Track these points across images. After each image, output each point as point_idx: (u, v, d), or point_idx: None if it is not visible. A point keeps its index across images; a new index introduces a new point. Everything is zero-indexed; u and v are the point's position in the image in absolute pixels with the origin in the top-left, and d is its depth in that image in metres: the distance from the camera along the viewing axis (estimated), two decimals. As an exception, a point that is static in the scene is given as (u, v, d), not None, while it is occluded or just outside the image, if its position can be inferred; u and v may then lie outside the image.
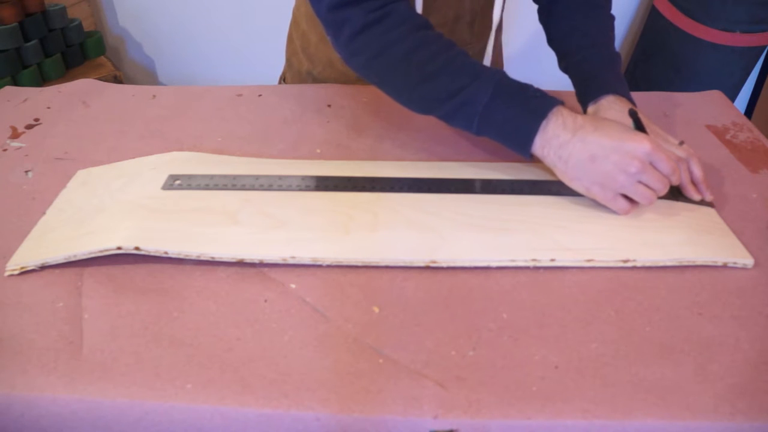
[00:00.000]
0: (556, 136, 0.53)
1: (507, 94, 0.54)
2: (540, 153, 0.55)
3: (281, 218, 0.55)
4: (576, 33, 0.70)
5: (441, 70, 0.55)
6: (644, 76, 1.56)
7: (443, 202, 0.57)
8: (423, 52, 0.55)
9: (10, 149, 0.68)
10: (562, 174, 0.55)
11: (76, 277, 0.50)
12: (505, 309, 0.48)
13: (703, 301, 0.49)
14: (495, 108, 0.54)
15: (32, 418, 0.41)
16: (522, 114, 0.54)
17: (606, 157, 0.52)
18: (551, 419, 0.40)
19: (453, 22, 0.76)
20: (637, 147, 0.52)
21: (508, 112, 0.54)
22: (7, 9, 1.39)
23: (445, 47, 0.56)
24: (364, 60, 0.58)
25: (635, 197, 0.54)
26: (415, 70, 0.56)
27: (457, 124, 0.57)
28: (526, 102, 0.54)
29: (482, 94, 0.54)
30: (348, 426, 0.40)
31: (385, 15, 0.55)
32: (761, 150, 0.70)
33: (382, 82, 0.59)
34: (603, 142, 0.52)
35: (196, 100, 0.79)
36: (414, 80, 0.56)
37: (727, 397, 0.41)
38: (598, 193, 0.54)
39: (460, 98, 0.55)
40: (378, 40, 0.56)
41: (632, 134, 0.53)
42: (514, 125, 0.55)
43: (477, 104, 0.54)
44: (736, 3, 1.33)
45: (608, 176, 0.53)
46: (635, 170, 0.52)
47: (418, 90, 0.57)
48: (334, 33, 0.58)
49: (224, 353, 0.44)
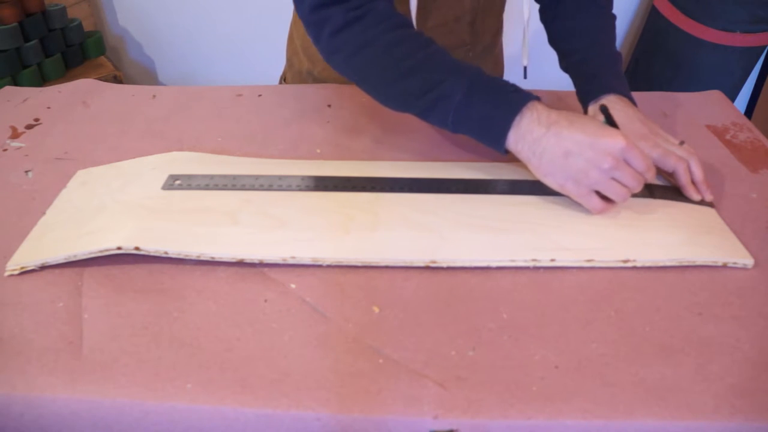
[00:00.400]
0: (530, 131, 0.53)
1: (482, 90, 0.54)
2: (514, 148, 0.55)
3: (281, 218, 0.55)
4: (577, 32, 0.70)
5: (417, 67, 0.55)
6: (644, 76, 1.56)
7: (443, 202, 0.57)
8: (400, 49, 0.56)
9: (10, 149, 0.68)
10: (536, 169, 0.55)
11: (76, 277, 0.50)
12: (505, 309, 0.48)
13: (703, 301, 0.49)
14: (469, 103, 0.54)
15: (32, 418, 0.41)
16: (496, 109, 0.54)
17: (580, 153, 0.52)
18: (551, 419, 0.40)
19: (453, 21, 0.76)
20: (611, 143, 0.52)
21: (482, 107, 0.54)
22: (7, 9, 1.39)
23: (423, 45, 0.57)
24: (344, 57, 0.58)
25: (608, 194, 0.54)
26: (392, 67, 0.56)
27: (433, 120, 0.58)
28: (501, 97, 0.54)
29: (457, 90, 0.54)
30: (348, 426, 0.40)
31: (365, 14, 0.56)
32: (761, 150, 0.70)
33: (361, 79, 0.60)
34: (577, 137, 0.52)
35: (196, 100, 0.79)
36: (391, 77, 0.57)
37: (727, 397, 0.41)
38: (572, 189, 0.54)
39: (435, 94, 0.55)
40: (357, 38, 0.57)
41: (606, 130, 0.53)
42: (489, 120, 0.54)
43: (451, 100, 0.54)
44: (736, 3, 1.33)
45: (581, 172, 0.53)
46: (608, 166, 0.52)
47: (395, 86, 0.57)
48: (316, 32, 0.59)
49: (224, 353, 0.44)
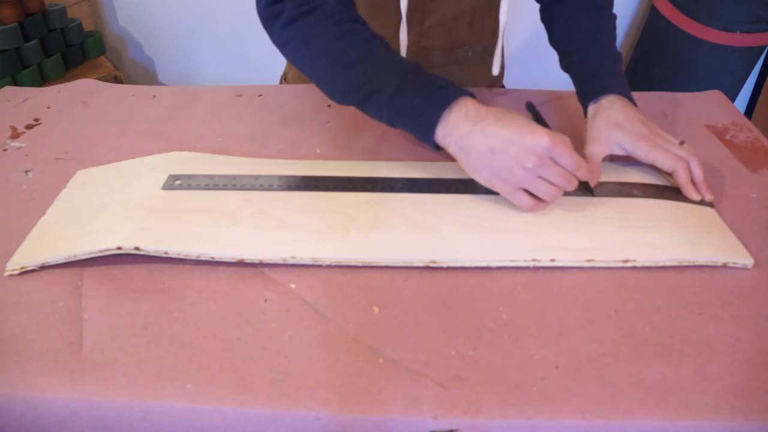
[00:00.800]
0: (458, 126, 0.53)
1: (413, 84, 0.55)
2: (443, 143, 0.55)
3: (281, 218, 0.55)
4: (577, 32, 0.70)
5: (356, 61, 0.57)
6: (644, 76, 1.56)
7: (443, 202, 0.57)
8: (341, 43, 0.57)
9: (10, 149, 0.68)
10: (464, 165, 0.55)
11: (76, 277, 0.50)
12: (505, 309, 0.48)
13: (703, 301, 0.49)
14: (401, 97, 0.54)
15: (32, 418, 0.41)
16: (426, 103, 0.54)
17: (505, 150, 0.52)
18: (551, 419, 0.40)
19: (452, 21, 0.76)
20: (534, 141, 0.51)
21: (413, 101, 0.54)
22: (7, 9, 1.39)
23: (365, 39, 0.58)
24: (292, 49, 0.60)
25: (536, 192, 0.54)
26: (335, 61, 0.58)
27: (371, 113, 0.58)
28: (432, 92, 0.54)
29: (390, 84, 0.55)
30: (348, 426, 0.40)
31: (313, 8, 0.58)
32: (761, 150, 0.70)
33: (307, 71, 0.61)
34: (503, 134, 0.52)
35: (196, 100, 0.79)
36: (332, 70, 0.58)
37: (727, 397, 0.41)
38: (499, 186, 0.54)
39: (370, 87, 0.56)
40: (303, 32, 0.59)
41: (533, 128, 0.52)
42: (419, 114, 0.55)
43: (384, 93, 0.55)
44: (736, 3, 1.33)
45: (506, 170, 0.52)
46: (532, 165, 0.51)
47: (336, 79, 0.58)
48: (270, 26, 0.61)
49: (224, 353, 0.44)
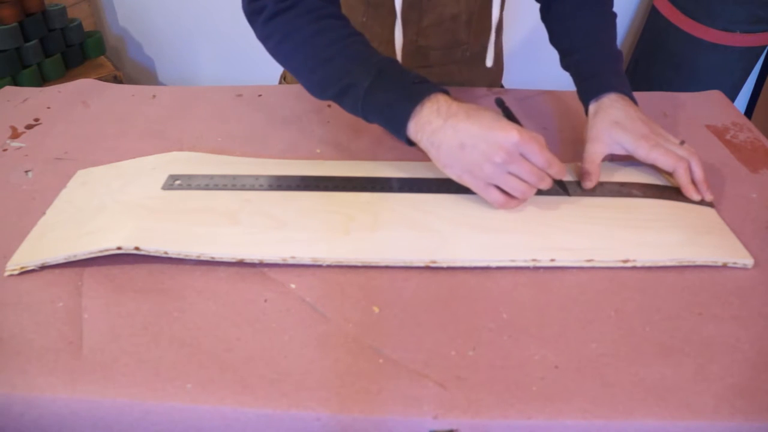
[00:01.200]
0: (429, 122, 0.54)
1: (387, 80, 0.56)
2: (415, 138, 0.55)
3: (281, 218, 0.55)
4: (578, 31, 0.70)
5: (334, 56, 0.58)
6: (644, 75, 1.56)
7: (443, 202, 0.57)
8: (320, 38, 0.59)
9: (10, 149, 0.68)
10: (435, 160, 0.55)
11: (76, 277, 0.50)
12: (504, 309, 0.48)
13: (703, 301, 0.49)
14: (375, 92, 0.56)
15: (32, 418, 0.41)
16: (399, 98, 0.55)
17: (474, 146, 0.52)
18: (551, 419, 0.40)
19: (450, 20, 0.76)
20: (503, 136, 0.51)
21: (387, 96, 0.55)
22: (7, 9, 1.39)
23: (344, 35, 0.59)
24: (273, 44, 0.61)
25: (506, 188, 0.54)
26: (312, 56, 0.59)
27: (347, 107, 0.59)
28: (405, 87, 0.55)
29: (364, 79, 0.56)
30: (348, 426, 0.40)
31: (294, 4, 0.59)
32: (761, 150, 0.70)
33: (288, 65, 0.63)
34: (472, 130, 0.52)
35: (196, 100, 0.79)
36: (310, 65, 0.59)
37: (727, 397, 0.41)
38: (470, 182, 0.54)
39: (346, 82, 0.57)
40: (284, 27, 0.60)
41: (503, 124, 0.52)
42: (392, 109, 0.56)
43: (360, 88, 0.56)
44: (736, 3, 1.33)
45: (476, 165, 0.53)
46: (500, 160, 0.52)
47: (313, 74, 0.60)
48: (254, 21, 0.62)
49: (224, 353, 0.44)
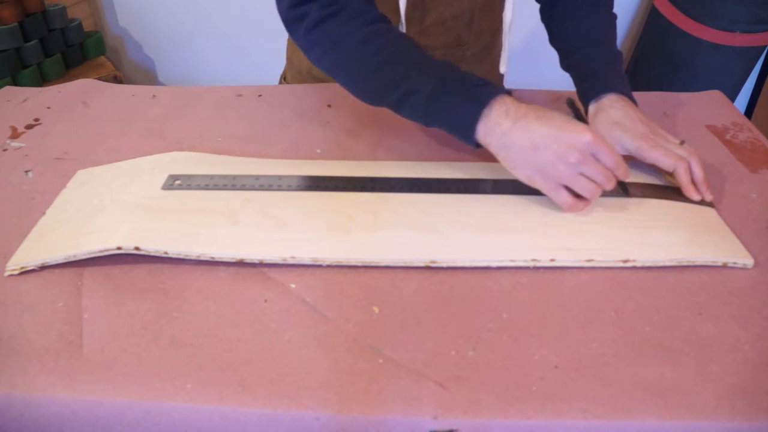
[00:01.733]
0: (499, 124, 0.53)
1: (451, 83, 0.55)
2: (483, 141, 0.55)
3: (281, 218, 0.55)
4: (578, 31, 0.70)
5: (389, 61, 0.57)
6: (644, 76, 1.56)
7: (443, 202, 0.57)
8: (372, 44, 0.57)
9: (10, 149, 0.68)
10: (504, 161, 0.55)
11: (76, 277, 0.50)
12: (505, 309, 0.48)
13: (703, 301, 0.49)
14: (439, 97, 0.55)
15: (32, 418, 0.41)
16: (465, 102, 0.54)
17: (547, 146, 0.52)
18: (551, 419, 0.40)
19: (451, 20, 0.76)
20: (578, 137, 0.52)
21: (452, 100, 0.55)
22: (7, 9, 1.39)
23: (395, 40, 0.58)
24: (320, 53, 0.60)
25: (576, 189, 0.54)
26: (365, 62, 0.58)
27: (405, 113, 0.58)
28: (470, 90, 0.55)
29: (427, 84, 0.55)
30: (348, 426, 0.40)
31: (339, 10, 0.57)
32: (761, 150, 0.70)
33: (336, 74, 0.61)
34: (544, 131, 0.52)
35: (196, 100, 0.79)
36: (363, 71, 0.58)
37: (727, 397, 0.41)
38: (540, 183, 0.54)
39: (406, 87, 0.56)
40: (331, 34, 0.58)
41: (574, 124, 0.53)
42: (458, 113, 0.55)
43: (422, 93, 0.55)
44: (736, 3, 1.33)
45: (549, 165, 0.53)
46: (575, 160, 0.52)
47: (367, 81, 0.59)
48: (295, 28, 0.60)
49: (224, 353, 0.44)
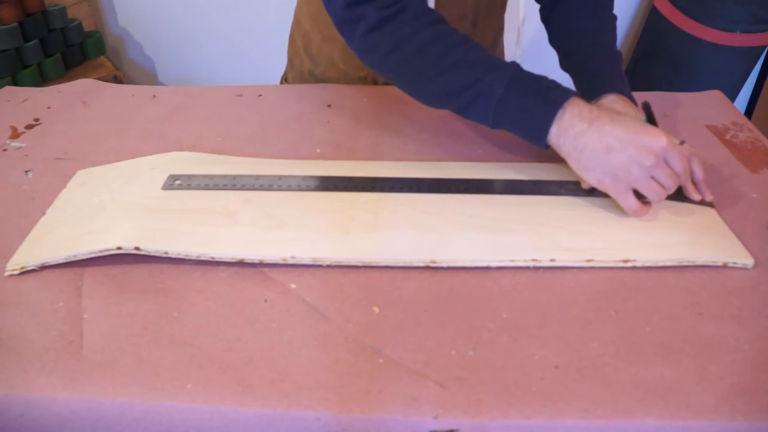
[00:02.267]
0: (573, 125, 0.53)
1: (522, 85, 0.54)
2: (556, 143, 0.55)
3: (281, 218, 0.55)
4: (578, 32, 0.70)
5: (455, 64, 0.55)
6: (644, 76, 1.56)
7: (443, 202, 0.57)
8: (437, 46, 0.56)
9: (10, 149, 0.68)
10: (575, 163, 0.55)
11: (76, 277, 0.50)
12: (505, 309, 0.48)
13: (703, 301, 0.49)
14: (510, 99, 0.54)
15: (32, 418, 0.41)
16: (538, 104, 0.54)
17: (622, 149, 0.52)
18: (551, 419, 0.40)
19: (456, 21, 0.76)
20: (654, 141, 0.52)
21: (523, 102, 0.54)
22: (7, 9, 1.39)
23: (460, 41, 0.56)
24: (379, 56, 0.58)
25: (646, 192, 0.54)
26: (430, 65, 0.56)
27: (472, 116, 0.57)
28: (542, 92, 0.55)
29: (497, 86, 0.54)
30: (348, 426, 0.40)
31: (400, 11, 0.55)
32: (761, 150, 0.70)
33: (397, 78, 0.60)
34: (619, 133, 0.52)
35: (196, 100, 0.79)
36: (428, 74, 0.57)
37: (727, 397, 0.41)
38: (610, 186, 0.54)
39: (475, 90, 0.55)
40: (392, 36, 0.56)
41: (649, 128, 0.53)
42: (530, 115, 0.55)
43: (492, 95, 0.54)
44: (736, 3, 1.33)
45: (622, 168, 0.53)
46: (650, 164, 0.52)
47: (432, 84, 0.57)
48: (350, 30, 0.58)
49: (224, 353, 0.44)
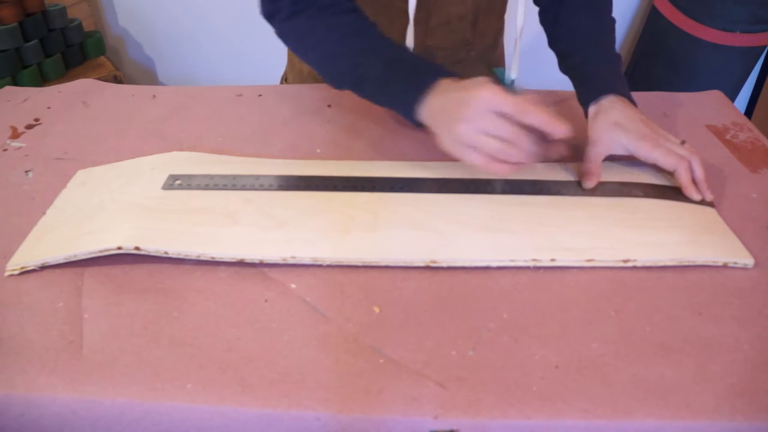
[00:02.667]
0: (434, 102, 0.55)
1: (398, 68, 0.59)
2: (426, 121, 0.56)
3: (281, 218, 0.55)
4: (577, 34, 0.70)
5: (346, 51, 0.61)
6: (644, 76, 1.56)
7: (443, 202, 0.57)
8: (334, 35, 0.62)
9: (10, 149, 0.68)
10: (437, 139, 0.55)
11: (76, 277, 0.50)
12: (505, 309, 0.48)
13: (703, 301, 0.49)
14: (388, 81, 0.59)
15: (32, 418, 0.41)
16: (409, 86, 0.57)
17: (449, 111, 0.53)
18: (551, 419, 0.40)
19: (456, 20, 0.76)
20: (475, 95, 0.51)
21: (397, 84, 0.58)
22: (7, 9, 1.39)
23: (354, 30, 0.62)
24: (293, 43, 0.65)
25: (483, 147, 0.52)
26: (328, 52, 0.62)
27: (364, 95, 0.63)
28: (414, 75, 0.58)
29: (378, 68, 0.59)
30: (348, 426, 0.40)
31: (308, 5, 0.62)
32: (761, 150, 0.70)
33: (309, 62, 0.66)
34: (450, 96, 0.53)
35: (196, 100, 0.79)
36: (327, 60, 0.63)
37: (727, 397, 0.41)
38: (452, 148, 0.54)
39: (359, 73, 0.60)
40: (300, 27, 0.63)
41: (479, 85, 0.52)
42: (403, 96, 0.58)
43: (372, 79, 0.59)
44: (736, 3, 1.33)
45: (451, 129, 0.53)
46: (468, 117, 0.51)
47: (331, 68, 0.63)
48: (272, 23, 0.65)
49: (224, 353, 0.44)
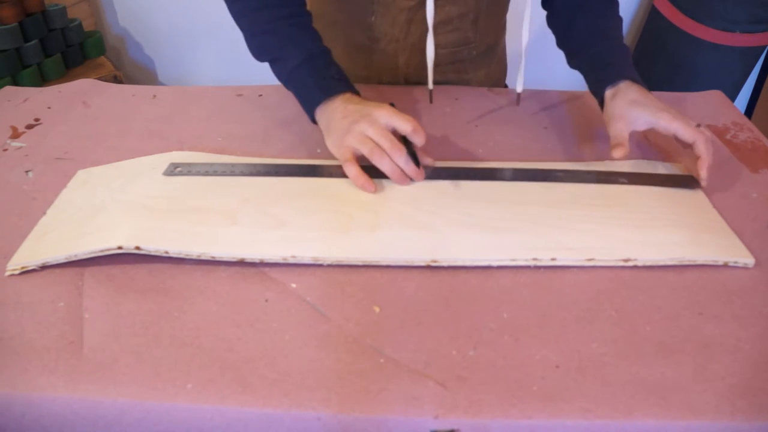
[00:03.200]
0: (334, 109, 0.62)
1: (312, 66, 0.64)
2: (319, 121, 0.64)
3: (281, 218, 0.55)
4: (589, 29, 0.72)
5: (273, 30, 0.66)
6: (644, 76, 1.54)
7: (444, 202, 0.57)
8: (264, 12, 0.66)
9: (10, 149, 0.68)
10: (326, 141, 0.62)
11: (76, 276, 0.50)
12: (505, 308, 0.48)
13: (704, 300, 0.49)
14: (300, 73, 0.64)
15: (33, 418, 0.41)
16: (316, 87, 0.63)
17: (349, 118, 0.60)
18: (552, 419, 0.40)
19: (458, 19, 0.76)
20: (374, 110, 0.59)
21: (307, 80, 0.64)
22: (7, 9, 1.39)
23: (285, 15, 0.66)
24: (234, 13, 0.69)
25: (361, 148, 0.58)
26: (254, 24, 0.67)
27: (274, 73, 0.68)
28: (323, 79, 0.64)
29: (295, 58, 0.64)
30: (349, 426, 0.40)
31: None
32: (761, 150, 0.70)
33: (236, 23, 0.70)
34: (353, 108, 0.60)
35: (196, 100, 0.79)
36: (252, 31, 0.68)
37: (728, 396, 0.41)
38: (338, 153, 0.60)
39: (279, 54, 0.66)
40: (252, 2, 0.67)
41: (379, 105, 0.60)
42: (308, 92, 0.65)
43: (288, 64, 0.65)
44: (736, 3, 1.33)
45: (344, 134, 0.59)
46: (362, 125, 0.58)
47: (253, 39, 0.68)
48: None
49: (225, 353, 0.44)
